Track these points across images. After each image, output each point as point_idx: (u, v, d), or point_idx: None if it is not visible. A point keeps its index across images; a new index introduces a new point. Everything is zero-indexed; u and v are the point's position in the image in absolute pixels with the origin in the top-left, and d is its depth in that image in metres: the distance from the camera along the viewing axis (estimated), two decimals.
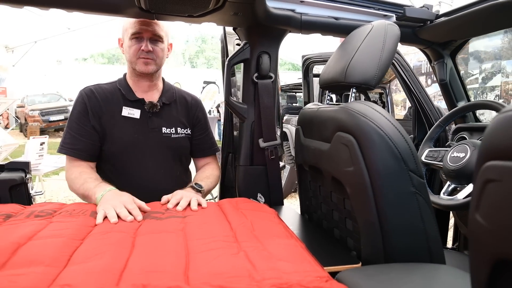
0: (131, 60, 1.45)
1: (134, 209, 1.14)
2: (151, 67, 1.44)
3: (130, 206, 1.14)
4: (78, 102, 1.46)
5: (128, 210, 1.13)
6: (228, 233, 1.02)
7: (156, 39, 1.43)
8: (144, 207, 1.19)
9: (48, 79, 13.51)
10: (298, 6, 1.44)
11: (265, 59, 1.48)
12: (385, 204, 0.90)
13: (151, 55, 1.43)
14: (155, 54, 1.44)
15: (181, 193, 1.30)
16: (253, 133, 1.54)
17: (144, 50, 1.41)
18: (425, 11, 1.55)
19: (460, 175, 1.28)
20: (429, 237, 0.92)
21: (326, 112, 1.14)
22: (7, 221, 1.07)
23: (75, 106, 1.46)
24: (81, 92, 1.48)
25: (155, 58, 1.44)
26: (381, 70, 1.04)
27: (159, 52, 1.45)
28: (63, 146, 1.42)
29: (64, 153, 1.42)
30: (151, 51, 1.42)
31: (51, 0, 1.20)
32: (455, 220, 1.79)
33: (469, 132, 1.59)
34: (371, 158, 0.91)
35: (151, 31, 1.41)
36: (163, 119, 1.51)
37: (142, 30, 1.40)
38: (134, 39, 1.42)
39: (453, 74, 1.73)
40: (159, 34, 1.43)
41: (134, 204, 1.16)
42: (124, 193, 1.23)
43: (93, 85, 1.51)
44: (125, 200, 1.17)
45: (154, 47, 1.43)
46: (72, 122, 1.44)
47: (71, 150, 1.41)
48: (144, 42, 1.41)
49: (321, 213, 1.33)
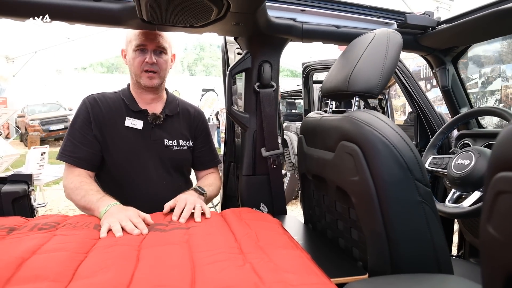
0: (135, 73, 1.45)
1: (139, 223, 1.13)
2: (155, 81, 1.44)
3: (135, 220, 1.13)
4: (81, 110, 1.45)
5: (134, 224, 1.12)
6: (233, 245, 1.01)
7: (161, 50, 1.43)
8: (148, 220, 1.18)
9: (48, 88, 13.54)
10: (299, 15, 1.45)
11: (267, 68, 1.48)
12: (391, 213, 0.90)
13: (155, 67, 1.42)
14: (159, 66, 1.43)
15: (184, 198, 1.28)
16: (255, 142, 1.54)
17: (148, 62, 1.40)
18: (426, 18, 1.55)
19: (465, 182, 1.27)
20: (436, 246, 0.91)
21: (330, 121, 1.14)
22: (11, 235, 1.06)
23: (77, 114, 1.45)
24: (84, 100, 1.47)
25: (159, 71, 1.44)
26: (384, 78, 1.04)
27: (163, 64, 1.45)
28: (63, 154, 1.40)
29: (64, 161, 1.40)
30: (155, 63, 1.42)
31: (53, 13, 1.20)
32: (460, 227, 1.78)
33: (472, 139, 1.59)
34: (376, 168, 0.91)
35: (155, 42, 1.41)
36: (165, 131, 1.51)
37: (146, 42, 1.40)
38: (138, 51, 1.41)
39: (455, 80, 1.73)
40: (163, 46, 1.43)
41: (139, 218, 1.15)
42: (129, 208, 1.22)
43: (97, 93, 1.50)
44: (131, 214, 1.16)
45: (158, 59, 1.43)
46: (74, 130, 1.42)
47: (71, 158, 1.39)
48: (148, 54, 1.41)
49: (325, 223, 1.32)
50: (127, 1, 1.23)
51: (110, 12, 1.23)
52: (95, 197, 1.28)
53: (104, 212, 1.20)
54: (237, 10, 1.17)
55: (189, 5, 1.11)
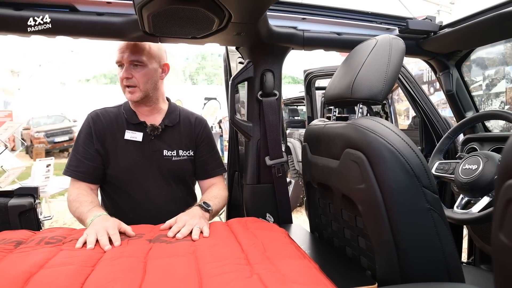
0: (122, 90, 1.47)
1: (114, 235, 1.13)
2: (136, 95, 1.44)
3: (111, 232, 1.14)
4: (84, 126, 1.49)
5: (109, 235, 1.12)
6: (239, 255, 1.00)
7: (136, 64, 1.42)
8: (129, 232, 1.18)
9: (52, 101, 13.66)
10: (300, 23, 1.45)
11: (269, 77, 1.48)
12: (399, 221, 0.89)
13: (132, 81, 1.42)
14: (137, 80, 1.42)
15: (184, 220, 1.23)
16: (259, 151, 1.53)
17: (121, 78, 1.43)
18: (428, 23, 1.55)
19: (474, 187, 1.26)
20: (446, 254, 0.90)
21: (334, 128, 1.13)
22: (18, 248, 1.06)
23: (81, 130, 1.50)
24: (88, 116, 1.51)
25: (137, 84, 1.43)
26: (387, 84, 1.03)
27: (141, 77, 1.43)
28: (68, 168, 1.45)
29: (68, 175, 1.45)
30: (130, 77, 1.42)
31: (57, 29, 1.22)
32: (469, 233, 1.75)
33: (479, 143, 1.57)
34: (382, 175, 0.90)
35: (129, 57, 1.40)
36: (164, 141, 1.51)
37: (120, 58, 1.42)
38: (119, 68, 1.44)
39: (459, 84, 1.72)
40: (138, 60, 1.41)
41: (116, 230, 1.15)
42: (110, 219, 1.23)
43: (100, 109, 1.54)
44: (108, 225, 1.16)
45: (135, 73, 1.42)
46: (78, 145, 1.47)
47: (75, 173, 1.44)
48: (124, 69, 1.42)
49: (331, 231, 1.31)
50: (129, 15, 1.24)
51: (113, 25, 1.24)
52: (86, 208, 1.31)
53: (90, 222, 1.22)
54: (238, 21, 1.18)
55: (191, 17, 1.11)
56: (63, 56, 9.83)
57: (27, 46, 8.16)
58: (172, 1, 0.99)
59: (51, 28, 1.22)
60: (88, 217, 1.26)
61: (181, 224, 1.22)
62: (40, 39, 1.27)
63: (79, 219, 1.34)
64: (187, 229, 1.19)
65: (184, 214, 1.28)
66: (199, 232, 1.19)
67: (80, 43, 8.98)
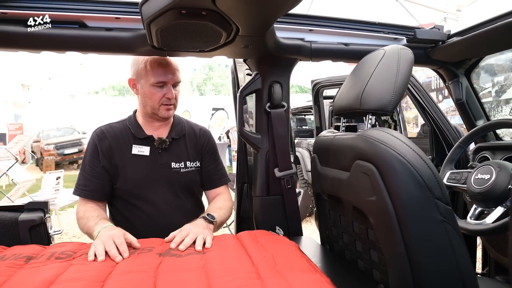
0: (153, 106, 1.47)
1: (121, 245, 1.14)
2: (172, 112, 1.50)
3: (118, 241, 1.15)
4: (90, 144, 1.51)
5: (116, 245, 1.13)
6: (250, 269, 0.99)
7: (177, 84, 1.48)
8: (134, 243, 1.19)
9: (62, 113, 13.84)
10: (307, 34, 1.45)
11: (277, 89, 1.48)
12: (412, 234, 0.87)
13: (173, 100, 1.47)
14: (175, 99, 1.49)
15: (187, 229, 1.26)
16: (268, 162, 1.53)
17: (169, 98, 1.45)
18: (436, 32, 1.54)
19: (487, 197, 1.24)
20: (461, 266, 0.88)
21: (343, 140, 1.13)
22: (28, 264, 1.06)
23: (87, 148, 1.52)
24: (93, 133, 1.52)
25: (175, 103, 1.50)
26: (397, 95, 1.02)
27: (178, 95, 1.50)
28: (77, 188, 1.48)
29: (77, 195, 1.48)
30: (174, 97, 1.47)
31: (67, 45, 1.24)
32: (484, 243, 1.71)
33: (491, 151, 1.55)
34: (393, 187, 0.88)
35: (175, 78, 1.46)
36: (172, 154, 1.52)
37: (165, 79, 1.43)
38: (157, 87, 1.44)
39: (469, 92, 1.70)
40: (180, 80, 1.48)
41: (122, 239, 1.17)
42: (115, 228, 1.25)
43: (105, 125, 1.55)
44: (114, 234, 1.18)
45: (175, 92, 1.48)
46: (85, 164, 1.49)
47: (84, 192, 1.46)
48: (167, 89, 1.44)
49: (343, 243, 1.29)
50: (138, 29, 1.25)
51: (122, 40, 1.26)
52: (93, 222, 1.34)
53: (97, 235, 1.24)
54: (246, 34, 1.18)
55: (199, 31, 1.12)
56: (72, 69, 9.98)
57: (37, 60, 8.29)
58: (180, 16, 1.00)
59: (61, 44, 1.24)
60: (95, 230, 1.28)
61: (184, 233, 1.24)
62: (50, 54, 1.29)
63: (88, 234, 1.36)
64: (190, 239, 1.21)
65: (188, 224, 1.31)
66: (202, 243, 1.20)
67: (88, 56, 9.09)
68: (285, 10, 1.06)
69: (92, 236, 1.29)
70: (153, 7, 1.00)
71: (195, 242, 1.20)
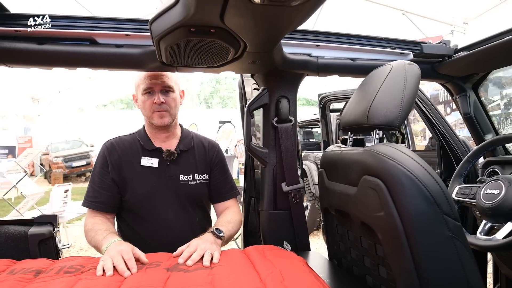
0: (147, 115, 1.51)
1: (129, 260, 1.15)
2: (166, 119, 1.49)
3: (126, 256, 1.15)
4: (100, 156, 1.53)
5: (124, 260, 1.14)
6: (257, 285, 0.99)
7: (167, 90, 1.49)
8: (143, 258, 1.20)
9: (70, 126, 14.00)
10: (314, 50, 1.47)
11: (284, 103, 1.49)
12: (420, 250, 0.86)
13: (164, 106, 1.48)
14: (167, 105, 1.49)
15: (195, 244, 1.27)
16: (275, 177, 1.53)
17: (157, 103, 1.46)
18: (443, 46, 1.55)
19: (497, 213, 1.22)
20: (471, 282, 0.87)
21: (350, 154, 1.13)
22: (37, 278, 1.07)
23: (97, 161, 1.54)
24: (103, 146, 1.55)
25: (168, 109, 1.49)
26: (404, 110, 1.03)
27: (171, 102, 1.50)
28: (86, 200, 1.49)
29: (86, 206, 1.49)
30: (164, 102, 1.47)
31: (78, 61, 1.26)
32: (495, 259, 1.68)
33: (500, 166, 1.53)
34: (402, 203, 0.88)
35: (161, 83, 1.47)
36: (180, 166, 1.53)
37: (152, 85, 1.46)
38: (147, 94, 1.48)
39: (477, 106, 1.70)
40: (169, 85, 1.49)
41: (130, 254, 1.17)
42: (123, 243, 1.25)
43: (114, 138, 1.57)
44: (122, 249, 1.19)
45: (166, 98, 1.48)
46: (94, 176, 1.51)
47: (93, 204, 1.47)
48: (156, 95, 1.47)
49: (351, 259, 1.28)
50: (147, 46, 1.28)
51: (132, 57, 1.28)
52: (101, 236, 1.34)
53: (105, 249, 1.24)
54: (253, 50, 1.20)
55: (207, 48, 1.14)
56: (81, 83, 10.12)
57: (47, 74, 8.42)
58: (189, 34, 1.02)
59: (73, 61, 1.27)
60: (104, 244, 1.28)
61: (192, 248, 1.24)
62: (61, 69, 1.32)
63: (96, 248, 1.36)
64: (198, 254, 1.21)
65: (196, 239, 1.31)
66: (210, 258, 1.20)
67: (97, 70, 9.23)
68: (292, 27, 1.07)
69: (100, 250, 1.30)
70: (163, 24, 1.02)
71: (203, 257, 1.20)
